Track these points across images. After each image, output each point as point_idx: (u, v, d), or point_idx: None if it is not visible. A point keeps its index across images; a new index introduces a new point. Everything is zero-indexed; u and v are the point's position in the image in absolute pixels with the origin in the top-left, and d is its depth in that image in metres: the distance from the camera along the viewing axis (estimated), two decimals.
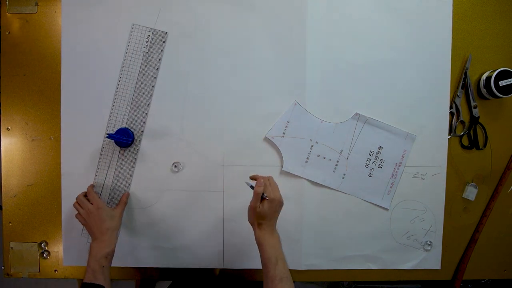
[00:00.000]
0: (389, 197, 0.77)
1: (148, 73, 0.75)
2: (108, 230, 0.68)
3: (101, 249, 0.65)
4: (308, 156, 0.76)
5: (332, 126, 0.76)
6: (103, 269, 0.64)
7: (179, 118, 0.76)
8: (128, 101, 0.75)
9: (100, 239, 0.67)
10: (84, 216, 0.69)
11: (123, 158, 0.76)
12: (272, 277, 0.58)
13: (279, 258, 0.60)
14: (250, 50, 0.76)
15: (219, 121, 0.76)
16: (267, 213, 0.62)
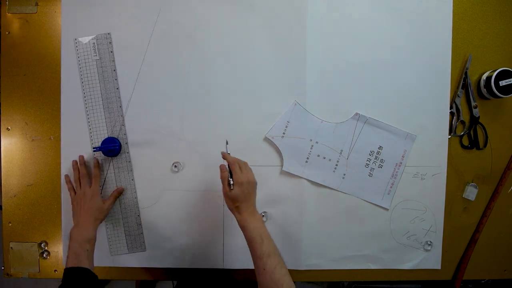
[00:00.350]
0: (389, 197, 0.77)
1: (108, 78, 0.75)
2: (91, 220, 0.68)
3: (83, 234, 0.65)
4: (308, 156, 0.76)
5: (332, 126, 0.76)
6: (88, 253, 0.64)
7: (179, 118, 0.76)
8: (100, 110, 0.75)
9: (82, 226, 0.67)
10: (78, 197, 0.70)
11: (118, 166, 0.76)
12: (260, 255, 0.58)
13: (264, 237, 0.60)
14: (250, 50, 0.76)
15: (219, 121, 0.76)
16: (239, 197, 0.62)
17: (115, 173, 0.76)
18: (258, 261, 0.59)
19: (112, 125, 0.75)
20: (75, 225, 0.68)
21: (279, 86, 0.76)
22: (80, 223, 0.68)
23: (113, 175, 0.76)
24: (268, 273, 0.57)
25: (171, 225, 0.77)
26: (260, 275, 0.58)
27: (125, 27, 0.75)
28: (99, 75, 0.75)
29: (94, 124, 0.75)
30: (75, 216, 0.70)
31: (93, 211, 0.69)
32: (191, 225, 0.77)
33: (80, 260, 0.62)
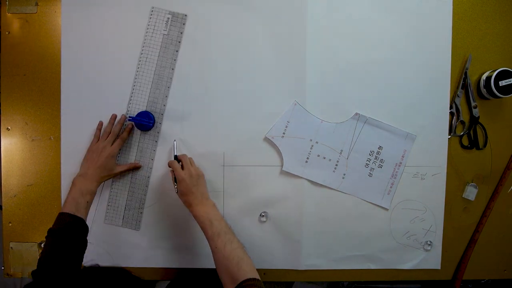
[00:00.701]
0: (389, 197, 0.77)
1: (167, 56, 0.76)
2: (99, 177, 0.69)
3: (87, 185, 0.67)
4: (308, 156, 0.76)
5: (332, 126, 0.76)
6: (87, 204, 0.66)
7: (179, 119, 0.76)
8: (148, 82, 0.76)
9: (89, 177, 0.68)
10: (95, 148, 0.71)
11: (144, 141, 0.77)
12: (211, 236, 0.62)
13: (213, 220, 0.63)
14: (250, 50, 0.76)
15: (219, 121, 0.76)
16: (185, 191, 0.67)
17: (139, 145, 0.76)
18: (210, 243, 0.62)
19: (152, 102, 0.76)
20: (81, 174, 0.69)
21: (279, 86, 0.76)
22: (87, 174, 0.68)
23: (136, 147, 0.76)
24: (220, 251, 0.59)
25: (171, 225, 0.77)
26: (214, 254, 0.61)
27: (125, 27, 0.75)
28: (161, 50, 0.75)
29: (137, 93, 0.75)
30: (84, 166, 0.71)
31: (103, 169, 0.70)
32: (190, 225, 0.77)
33: (78, 209, 0.63)
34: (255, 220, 0.77)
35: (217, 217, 0.65)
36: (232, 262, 0.57)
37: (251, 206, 0.77)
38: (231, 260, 0.58)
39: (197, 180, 0.68)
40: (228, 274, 0.57)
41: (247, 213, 0.77)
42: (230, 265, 0.57)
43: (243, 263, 0.57)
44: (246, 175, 0.76)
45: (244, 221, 0.77)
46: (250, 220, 0.77)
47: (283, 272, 0.79)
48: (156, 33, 0.75)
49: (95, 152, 0.71)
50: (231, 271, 0.57)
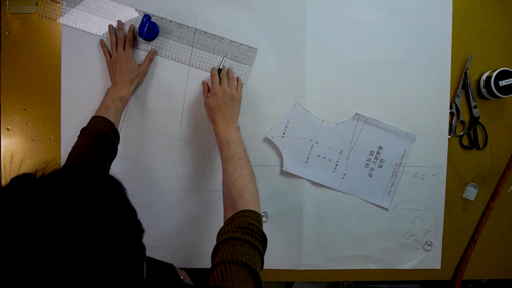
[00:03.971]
0: (389, 197, 0.77)
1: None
2: (127, 81, 0.71)
3: (117, 92, 0.69)
4: (308, 156, 0.76)
5: (332, 126, 0.76)
6: (117, 109, 0.68)
7: (179, 118, 0.76)
8: None
9: (119, 85, 0.70)
10: (114, 59, 0.72)
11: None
12: (224, 158, 0.61)
13: (231, 142, 0.62)
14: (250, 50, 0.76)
15: None
16: (213, 106, 0.65)
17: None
18: (223, 164, 0.61)
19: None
20: (113, 84, 0.71)
21: (279, 86, 0.76)
22: (117, 83, 0.71)
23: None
24: (229, 174, 0.59)
25: (171, 225, 0.77)
26: (223, 176, 0.60)
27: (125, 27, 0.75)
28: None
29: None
30: (112, 77, 0.73)
31: (128, 73, 0.71)
32: (191, 225, 0.77)
33: (108, 113, 0.66)
34: None
35: (237, 140, 0.63)
36: (235, 188, 0.56)
37: None
38: (235, 185, 0.57)
39: (229, 100, 0.66)
40: (230, 200, 0.56)
41: None
42: (233, 191, 0.56)
43: (246, 191, 0.56)
44: None
45: None
46: None
47: (283, 272, 0.79)
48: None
49: (113, 63, 0.72)
50: (233, 197, 0.56)
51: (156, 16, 0.75)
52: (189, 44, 0.75)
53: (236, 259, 0.43)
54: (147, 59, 0.74)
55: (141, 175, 0.76)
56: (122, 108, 0.70)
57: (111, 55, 0.73)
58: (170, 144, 0.76)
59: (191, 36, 0.75)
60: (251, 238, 0.48)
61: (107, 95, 0.69)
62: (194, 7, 0.75)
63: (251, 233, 0.48)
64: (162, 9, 0.75)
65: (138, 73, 0.73)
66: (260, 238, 0.49)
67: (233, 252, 0.45)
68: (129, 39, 0.73)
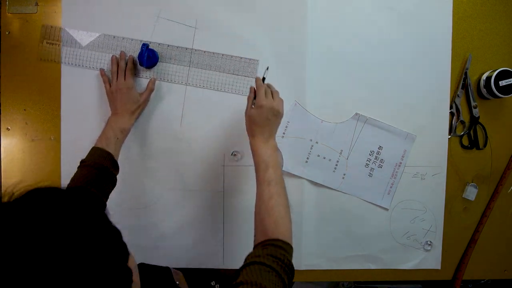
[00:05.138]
0: (389, 197, 0.77)
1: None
2: (129, 112, 0.70)
3: (118, 123, 0.68)
4: (308, 156, 0.76)
5: (332, 126, 0.76)
6: (117, 141, 0.67)
7: (179, 118, 0.76)
8: None
9: (121, 115, 0.69)
10: (113, 89, 0.71)
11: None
12: (261, 181, 0.58)
13: (270, 165, 0.59)
14: (250, 50, 0.76)
15: (219, 121, 0.76)
16: (256, 119, 0.61)
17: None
18: (258, 187, 0.59)
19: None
20: (114, 113, 0.70)
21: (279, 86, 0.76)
22: (118, 113, 0.70)
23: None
24: (264, 201, 0.56)
25: (171, 225, 0.77)
26: (257, 199, 0.58)
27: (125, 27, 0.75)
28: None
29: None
30: (112, 106, 0.72)
31: (130, 104, 0.70)
32: (191, 225, 0.77)
33: (108, 145, 0.65)
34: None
35: (275, 163, 0.60)
36: (271, 217, 0.54)
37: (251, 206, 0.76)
38: (271, 215, 0.54)
39: (274, 116, 0.62)
40: (263, 227, 0.54)
41: (247, 213, 0.77)
42: (268, 219, 0.54)
43: (282, 222, 0.54)
44: (246, 175, 0.76)
45: (244, 221, 0.77)
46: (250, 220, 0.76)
47: None
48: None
49: (114, 92, 0.71)
50: (266, 225, 0.54)
51: (153, 43, 0.75)
52: (187, 65, 0.75)
53: (260, 284, 0.42)
54: (148, 89, 0.73)
55: (141, 175, 0.76)
56: (123, 139, 0.69)
57: (111, 84, 0.72)
58: (170, 144, 0.76)
59: (188, 56, 0.75)
60: (279, 269, 0.46)
61: (108, 125, 0.68)
62: (194, 8, 0.75)
63: (280, 263, 0.47)
64: (162, 10, 0.75)
65: (140, 103, 0.72)
66: (288, 271, 0.48)
67: (259, 276, 0.44)
68: (130, 69, 0.73)
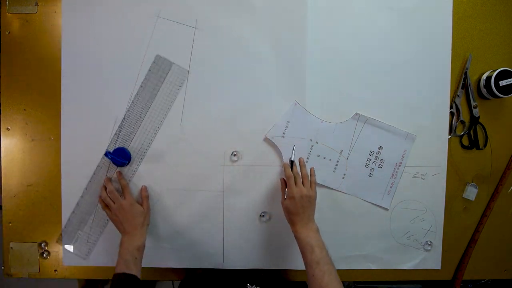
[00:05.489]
0: (389, 197, 0.77)
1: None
2: (139, 227, 0.69)
3: (133, 242, 0.67)
4: (308, 156, 0.76)
5: (332, 126, 0.76)
6: (136, 261, 0.66)
7: (179, 118, 0.76)
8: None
9: (132, 233, 0.68)
10: (115, 211, 0.70)
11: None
12: (310, 263, 0.62)
13: (314, 246, 0.63)
14: (250, 50, 0.76)
15: (219, 121, 0.76)
16: (291, 210, 0.66)
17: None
18: (308, 268, 0.62)
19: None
20: (124, 233, 0.69)
21: (279, 86, 0.76)
22: (129, 232, 0.69)
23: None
24: (317, 280, 0.60)
25: (171, 225, 0.77)
26: (309, 281, 0.61)
27: (125, 27, 0.75)
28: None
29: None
30: (120, 227, 0.70)
31: (137, 218, 0.70)
32: (191, 225, 0.77)
33: (129, 267, 0.64)
34: (255, 220, 0.77)
35: (319, 243, 0.64)
36: None
37: (251, 206, 0.77)
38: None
39: (307, 202, 0.66)
40: None
41: (247, 213, 0.77)
42: None
43: None
44: (246, 175, 0.76)
45: (244, 221, 0.77)
46: (250, 220, 0.77)
47: (283, 272, 0.79)
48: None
49: (117, 214, 0.70)
50: None
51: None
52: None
53: None
54: (143, 198, 0.74)
55: (141, 175, 0.76)
56: (141, 257, 0.68)
57: (110, 208, 0.71)
58: (170, 144, 0.76)
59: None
60: None
61: (122, 248, 0.67)
62: (194, 8, 0.75)
63: None
64: (162, 10, 0.75)
65: (145, 214, 0.72)
66: None
67: None
68: (124, 186, 0.73)
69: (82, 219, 0.77)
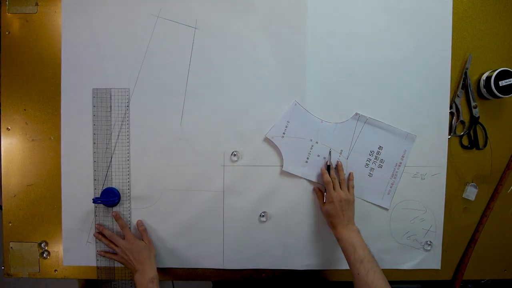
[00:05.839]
0: (389, 197, 0.77)
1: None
2: (147, 261, 0.71)
3: (146, 276, 0.69)
4: (308, 156, 0.76)
5: (332, 126, 0.76)
6: None
7: (179, 118, 0.76)
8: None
9: (142, 269, 0.70)
10: (120, 254, 0.72)
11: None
12: (353, 262, 0.64)
13: (356, 246, 0.65)
14: (250, 50, 0.76)
15: (219, 121, 0.76)
16: (331, 213, 0.70)
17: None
18: (352, 268, 0.64)
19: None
20: (135, 271, 0.71)
21: (279, 86, 0.76)
22: (138, 269, 0.70)
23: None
24: (362, 278, 0.61)
25: (171, 225, 0.77)
26: (355, 279, 0.63)
27: (125, 27, 0.75)
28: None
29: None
30: (129, 266, 0.72)
31: (142, 253, 0.72)
32: (191, 225, 0.77)
33: None
34: (255, 220, 0.77)
35: (361, 243, 0.66)
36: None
37: (251, 206, 0.77)
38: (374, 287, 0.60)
39: (347, 205, 0.70)
40: None
41: (247, 213, 0.77)
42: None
43: None
44: (246, 175, 0.76)
45: (244, 221, 0.77)
46: (250, 220, 0.77)
47: (283, 272, 0.79)
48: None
49: (123, 256, 0.72)
50: None
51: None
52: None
53: None
54: (142, 232, 0.75)
55: (142, 175, 0.76)
56: (157, 285, 0.70)
57: (116, 250, 0.73)
58: (170, 144, 0.76)
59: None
60: None
61: (138, 285, 0.69)
62: (194, 8, 0.75)
63: None
64: (162, 10, 0.75)
65: (148, 247, 0.73)
66: None
67: None
68: (123, 226, 0.74)
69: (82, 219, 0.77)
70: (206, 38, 0.76)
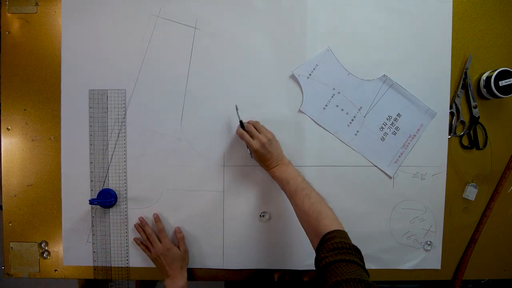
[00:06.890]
0: (395, 166, 0.77)
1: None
2: (179, 270, 0.72)
3: (176, 284, 0.70)
4: (327, 104, 0.76)
5: (358, 82, 0.75)
6: None
7: (179, 118, 0.76)
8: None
9: (173, 276, 0.71)
10: (154, 255, 0.73)
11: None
12: (289, 195, 0.65)
13: (289, 178, 0.66)
14: (250, 50, 0.76)
15: (219, 121, 0.76)
16: (261, 158, 0.69)
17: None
18: (290, 200, 0.65)
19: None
20: (167, 277, 0.72)
21: (279, 86, 0.76)
22: (170, 275, 0.72)
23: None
24: (299, 207, 0.62)
25: (171, 225, 0.77)
26: (295, 211, 0.63)
27: (124, 27, 0.75)
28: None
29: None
30: (162, 270, 0.73)
31: (176, 262, 0.72)
32: (191, 225, 0.77)
33: None
34: (255, 220, 0.77)
35: (292, 174, 0.66)
36: (311, 217, 0.58)
37: (251, 206, 0.77)
38: (310, 215, 0.59)
39: (269, 146, 0.68)
40: (311, 229, 0.58)
41: (247, 213, 0.77)
42: (310, 220, 0.58)
43: (322, 217, 0.58)
44: (246, 175, 0.76)
45: (244, 221, 0.77)
46: (250, 220, 0.77)
47: (282, 272, 0.79)
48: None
49: (157, 258, 0.73)
50: (312, 226, 0.58)
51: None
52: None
53: (353, 278, 0.44)
54: (178, 239, 0.75)
55: (142, 175, 0.76)
56: None
57: (151, 250, 0.74)
58: (170, 144, 0.76)
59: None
60: (346, 256, 0.49)
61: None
62: (194, 8, 0.75)
63: (343, 251, 0.50)
64: (162, 10, 0.75)
65: (183, 257, 0.74)
66: (353, 251, 0.50)
67: (336, 275, 0.46)
68: (160, 230, 0.75)
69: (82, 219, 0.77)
70: (206, 38, 0.76)
